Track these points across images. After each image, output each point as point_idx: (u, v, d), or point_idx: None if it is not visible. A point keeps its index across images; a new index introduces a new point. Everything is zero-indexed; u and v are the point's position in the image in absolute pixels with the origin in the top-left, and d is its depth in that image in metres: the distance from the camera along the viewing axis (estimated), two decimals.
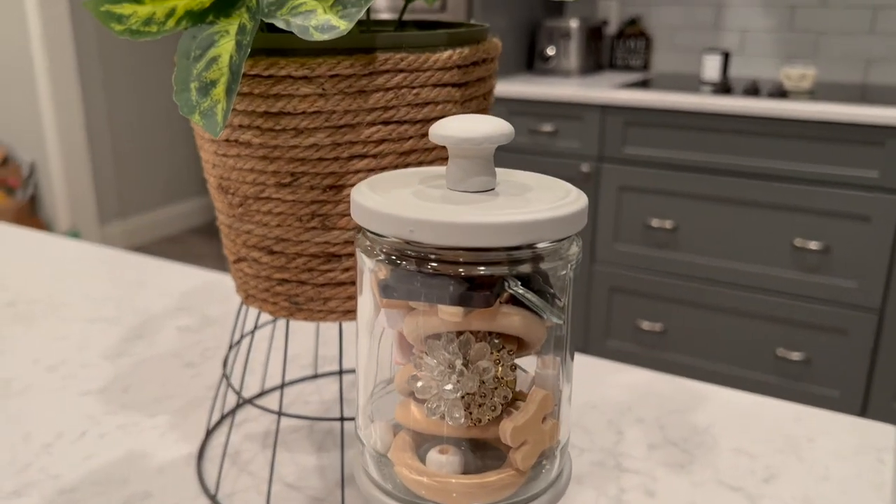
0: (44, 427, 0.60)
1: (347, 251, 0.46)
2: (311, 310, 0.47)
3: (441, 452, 0.33)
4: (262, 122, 0.42)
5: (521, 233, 0.29)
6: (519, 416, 0.32)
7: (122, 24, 0.44)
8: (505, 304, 0.32)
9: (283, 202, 0.44)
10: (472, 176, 0.32)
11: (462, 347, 0.32)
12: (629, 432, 0.60)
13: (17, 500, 0.52)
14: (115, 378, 0.68)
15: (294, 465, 0.56)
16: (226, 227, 0.49)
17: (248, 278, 0.49)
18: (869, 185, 2.00)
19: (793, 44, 2.54)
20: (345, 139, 0.42)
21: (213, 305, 0.83)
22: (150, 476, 0.54)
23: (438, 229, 0.29)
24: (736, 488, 0.53)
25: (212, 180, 0.48)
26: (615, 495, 0.53)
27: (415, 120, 0.43)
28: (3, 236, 1.05)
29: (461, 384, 0.31)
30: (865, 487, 0.53)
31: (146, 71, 3.79)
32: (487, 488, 0.32)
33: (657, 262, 2.31)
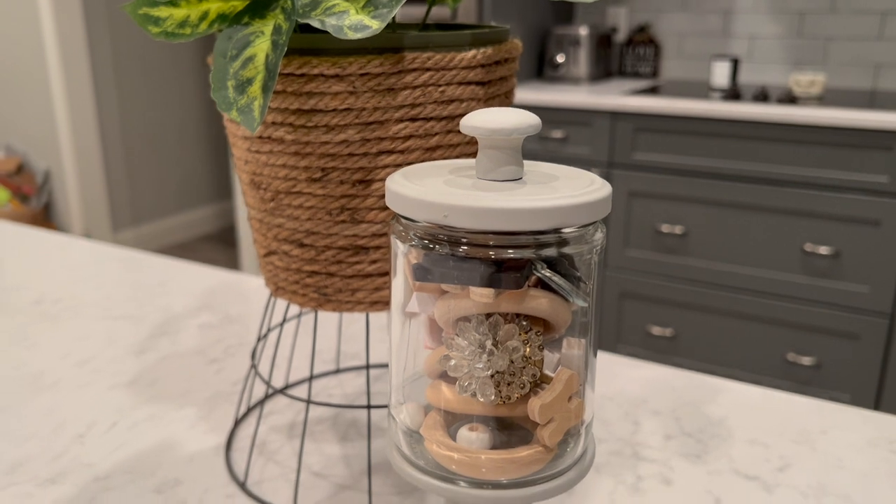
0: (75, 418, 0.62)
1: (375, 244, 0.47)
2: (339, 301, 0.49)
3: (471, 430, 0.35)
4: (295, 119, 0.44)
5: (547, 218, 0.31)
6: (546, 394, 0.33)
7: (159, 27, 0.46)
8: (533, 287, 0.33)
9: (313, 196, 0.46)
10: (501, 165, 0.33)
11: (492, 329, 0.33)
12: (645, 423, 0.61)
13: (53, 487, 0.54)
14: (141, 373, 0.70)
15: (320, 454, 0.57)
16: (257, 222, 0.50)
17: (278, 271, 0.50)
18: (879, 190, 2.01)
19: (801, 50, 2.55)
20: (374, 135, 0.44)
21: (233, 304, 0.85)
22: (181, 465, 0.56)
23: (470, 214, 0.30)
24: (751, 477, 0.55)
25: (244, 176, 0.50)
26: (633, 483, 0.54)
27: (441, 117, 0.45)
28: (25, 239, 1.08)
29: (491, 363, 0.33)
30: (880, 477, 0.54)
31: (159, 80, 3.83)
32: (516, 463, 0.34)
33: (667, 267, 2.32)
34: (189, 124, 4.04)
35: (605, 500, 0.52)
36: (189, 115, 4.04)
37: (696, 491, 0.53)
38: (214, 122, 4.21)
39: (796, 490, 0.53)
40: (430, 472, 0.35)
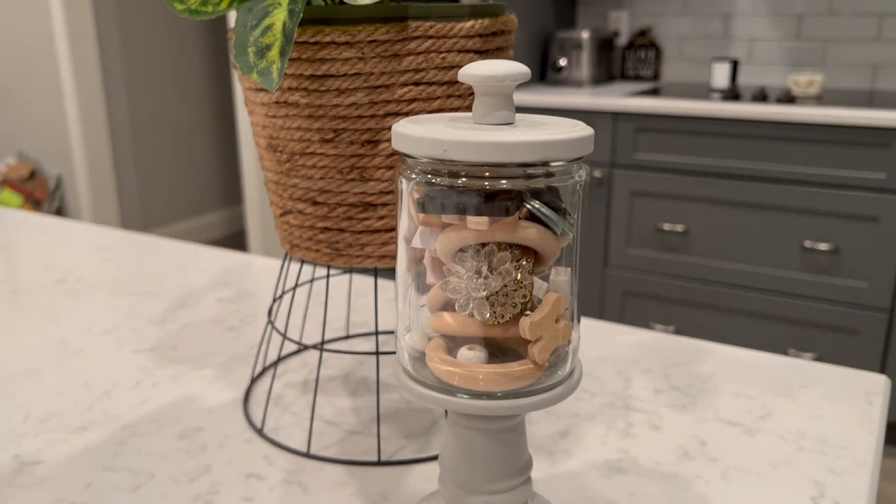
0: (101, 378, 0.66)
1: (382, 201, 0.51)
2: (349, 255, 0.53)
3: (469, 350, 0.39)
4: (309, 84, 0.49)
5: (536, 150, 0.35)
6: (536, 313, 0.38)
7: (183, 4, 0.50)
8: (524, 219, 0.37)
9: (325, 157, 0.50)
10: (494, 111, 0.38)
11: (487, 257, 0.37)
12: (636, 380, 0.65)
13: (84, 433, 0.58)
14: (162, 339, 0.74)
15: (331, 406, 0.61)
16: (273, 184, 0.55)
17: (293, 229, 0.55)
18: (877, 187, 2.04)
19: (800, 52, 2.59)
20: (381, 98, 0.48)
21: (248, 281, 0.89)
22: (201, 415, 0.60)
23: (467, 147, 0.35)
24: (734, 423, 0.58)
25: (261, 141, 0.54)
26: (623, 429, 0.58)
27: (442, 82, 0.49)
28: (47, 226, 1.12)
29: (487, 285, 0.37)
30: (854, 423, 0.58)
31: (169, 87, 3.89)
32: (509, 376, 0.38)
33: (669, 265, 2.35)
34: (199, 130, 4.11)
35: (598, 442, 0.56)
36: (199, 122, 4.10)
37: (683, 435, 0.57)
38: (224, 129, 4.27)
39: (776, 434, 0.57)
40: (433, 386, 0.39)
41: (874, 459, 0.54)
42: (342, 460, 0.54)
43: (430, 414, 0.60)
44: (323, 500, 0.49)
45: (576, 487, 0.51)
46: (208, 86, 4.14)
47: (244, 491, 0.50)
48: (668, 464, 0.53)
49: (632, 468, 0.53)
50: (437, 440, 0.56)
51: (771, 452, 0.55)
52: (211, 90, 4.16)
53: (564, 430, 0.58)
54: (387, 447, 0.55)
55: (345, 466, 0.53)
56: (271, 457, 0.54)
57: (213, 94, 4.17)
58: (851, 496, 0.49)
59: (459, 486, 0.42)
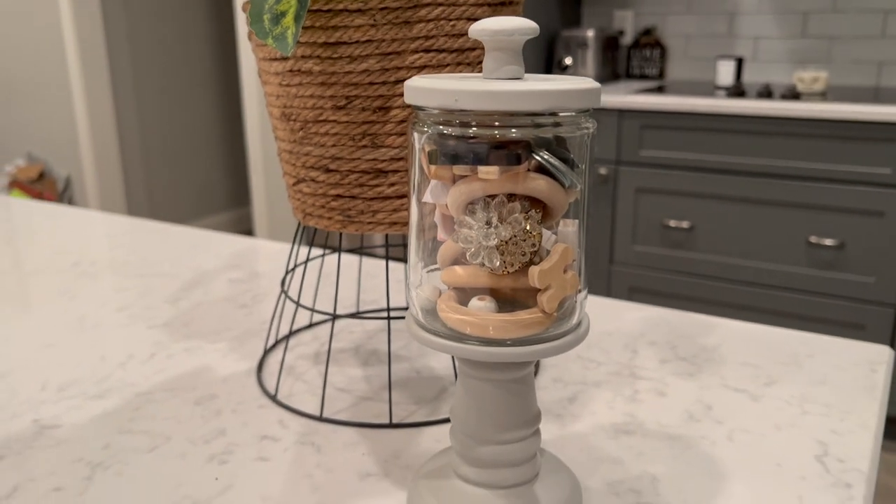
0: (117, 351, 0.68)
1: (393, 167, 0.53)
2: (361, 222, 0.54)
3: (480, 300, 0.40)
4: (322, 52, 0.50)
5: (544, 99, 0.36)
6: (544, 262, 0.39)
7: None
8: (533, 171, 0.39)
9: (338, 124, 0.52)
10: (504, 65, 0.39)
11: (497, 207, 0.39)
12: (643, 352, 0.66)
13: (101, 400, 0.59)
14: (176, 316, 0.75)
15: (343, 375, 0.63)
16: (286, 154, 0.56)
17: (306, 197, 0.56)
18: (882, 182, 2.05)
19: (805, 49, 2.60)
20: (392, 65, 0.50)
21: (259, 264, 0.90)
22: (216, 383, 0.61)
23: (477, 96, 0.36)
24: (740, 390, 0.59)
25: (275, 111, 0.55)
26: (630, 395, 0.59)
27: (451, 49, 0.50)
28: (59, 214, 1.14)
29: (497, 234, 0.38)
30: (859, 389, 0.59)
31: (177, 90, 3.92)
32: (519, 324, 0.39)
33: (675, 262, 2.36)
34: (206, 132, 4.13)
35: (605, 407, 0.57)
36: (206, 124, 4.12)
37: (689, 400, 0.58)
38: (231, 130, 4.29)
39: (781, 399, 0.58)
40: (444, 335, 0.40)
41: (878, 422, 0.54)
42: (355, 423, 0.55)
43: (439, 382, 0.61)
44: (336, 459, 0.51)
45: (584, 447, 0.52)
46: (216, 88, 4.17)
47: (259, 451, 0.52)
48: (674, 426, 0.54)
49: (638, 430, 0.54)
50: (447, 405, 0.57)
51: (776, 415, 0.55)
52: (219, 92, 4.19)
53: (572, 395, 0.59)
54: (397, 412, 0.56)
55: (357, 429, 0.54)
56: (285, 420, 0.55)
57: (220, 96, 4.20)
58: (855, 454, 0.50)
59: (469, 437, 0.43)
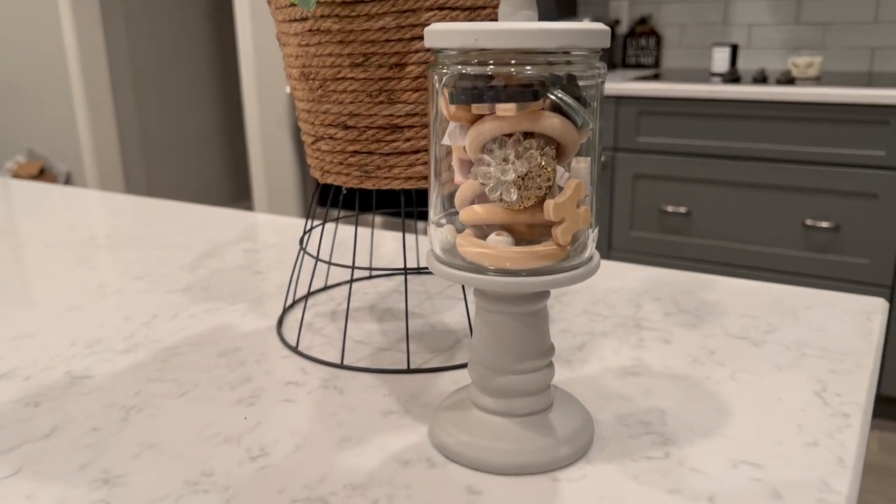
0: (140, 312, 0.70)
1: (409, 123, 0.55)
2: (378, 177, 0.57)
3: (498, 235, 0.42)
4: (340, 11, 0.52)
5: (557, 37, 0.38)
6: (559, 196, 0.41)
7: None
8: (547, 110, 0.41)
9: (355, 80, 0.54)
10: (519, 10, 0.41)
11: (514, 145, 0.41)
12: (647, 306, 0.69)
13: (128, 354, 0.61)
14: (194, 282, 0.78)
15: (360, 329, 0.65)
16: (305, 113, 0.58)
17: (324, 155, 0.58)
18: (876, 165, 2.08)
19: (799, 36, 2.63)
20: (407, 22, 0.52)
21: (270, 235, 0.93)
22: (238, 338, 0.64)
23: (496, 35, 0.38)
24: (741, 337, 0.62)
25: (294, 72, 0.58)
26: (636, 343, 0.61)
27: (464, 7, 0.53)
28: (72, 195, 1.16)
29: (514, 169, 0.41)
30: (855, 336, 0.62)
31: (176, 86, 3.93)
32: (534, 255, 0.41)
33: (672, 246, 2.39)
34: (206, 128, 4.15)
35: (612, 353, 0.60)
36: (205, 119, 4.14)
37: (693, 347, 0.60)
38: (231, 126, 4.31)
39: (780, 345, 0.60)
40: (464, 268, 0.42)
41: (873, 363, 0.57)
42: (374, 369, 0.57)
43: (453, 334, 0.64)
44: (358, 399, 0.53)
45: (594, 387, 0.54)
46: (215, 83, 4.18)
47: (284, 394, 0.54)
48: (679, 368, 0.57)
49: (645, 372, 0.56)
50: (461, 354, 0.60)
51: (776, 358, 0.58)
52: (218, 88, 4.20)
53: (580, 344, 0.61)
54: (414, 360, 0.59)
55: (377, 375, 0.57)
56: (307, 368, 0.58)
57: (219, 92, 4.22)
58: (852, 389, 0.53)
59: (487, 368, 0.46)
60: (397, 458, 0.46)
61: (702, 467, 0.45)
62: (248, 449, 0.47)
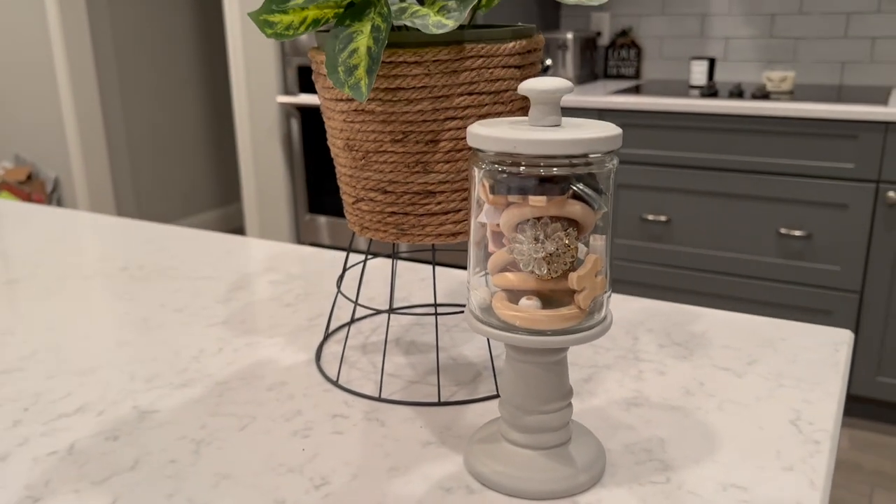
0: (187, 346, 0.77)
1: (441, 189, 0.63)
2: (412, 234, 0.65)
3: (528, 299, 0.51)
4: (383, 95, 0.60)
5: (580, 146, 0.47)
6: (581, 269, 0.49)
7: (272, 29, 0.62)
8: (570, 198, 0.49)
9: (395, 154, 0.62)
10: (547, 115, 0.49)
11: (543, 227, 0.49)
12: (643, 338, 0.78)
13: (186, 388, 0.69)
14: (231, 315, 0.85)
15: (391, 363, 0.73)
16: (346, 177, 0.66)
17: (364, 214, 0.66)
18: (846, 176, 2.19)
19: (773, 49, 2.74)
20: (442, 106, 0.60)
21: (293, 266, 1.00)
22: (282, 372, 0.71)
23: (531, 144, 0.46)
24: (726, 369, 0.71)
25: (338, 142, 0.65)
26: (636, 375, 0.70)
27: (489, 91, 0.61)
28: (96, 222, 1.23)
29: (544, 248, 0.49)
30: (824, 366, 0.71)
31: (163, 90, 3.97)
32: (560, 318, 0.50)
33: (653, 253, 2.49)
34: (193, 131, 4.19)
35: (616, 385, 0.68)
36: (193, 122, 4.18)
37: (685, 378, 0.69)
38: (218, 129, 4.35)
39: (760, 376, 0.69)
40: (499, 327, 0.51)
41: (840, 391, 0.66)
42: (409, 402, 0.65)
43: (473, 367, 0.72)
44: (399, 431, 0.61)
45: (601, 417, 0.63)
46: (202, 86, 4.22)
47: (333, 427, 0.62)
48: (674, 399, 0.65)
49: (645, 403, 0.65)
50: (484, 386, 0.68)
51: (757, 389, 0.67)
52: (205, 90, 4.24)
53: (587, 376, 0.70)
54: (442, 393, 0.67)
55: (411, 407, 0.65)
56: (349, 401, 0.66)
57: (207, 95, 4.26)
58: (822, 418, 0.62)
59: (517, 408, 0.54)
60: (440, 485, 0.54)
61: (697, 490, 0.53)
62: (311, 478, 0.55)
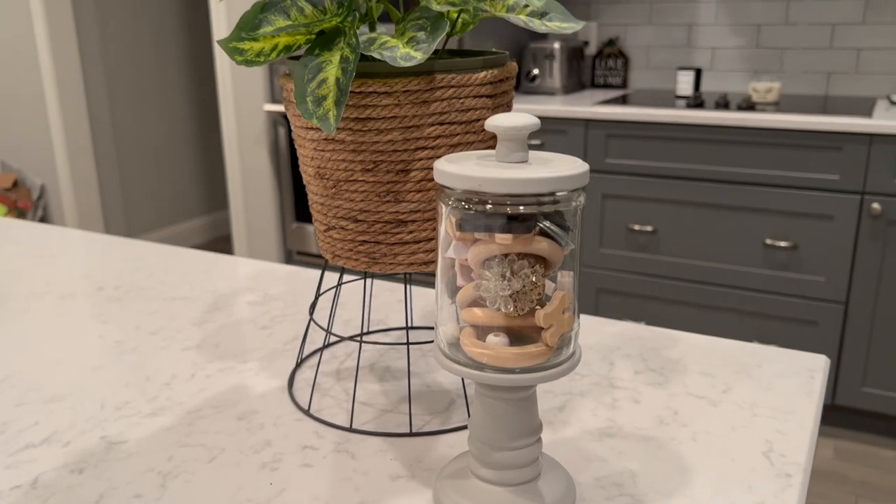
0: (160, 372, 0.77)
1: (412, 218, 0.63)
2: (384, 263, 0.64)
3: (496, 336, 0.50)
4: (354, 125, 0.60)
5: (546, 184, 0.46)
6: (548, 307, 0.49)
7: (242, 56, 0.61)
8: (537, 235, 0.49)
9: (366, 183, 0.61)
10: (514, 152, 0.49)
11: (510, 264, 0.49)
12: (619, 363, 0.77)
13: (156, 417, 0.68)
14: (205, 338, 0.84)
15: (363, 390, 0.72)
16: (318, 205, 0.66)
17: (335, 242, 0.65)
18: (831, 188, 2.19)
19: (759, 60, 2.75)
20: (412, 136, 0.60)
21: (271, 286, 1.00)
22: (254, 400, 0.71)
23: (497, 183, 0.46)
24: (701, 397, 0.71)
25: (309, 170, 0.65)
26: (610, 403, 0.70)
27: (461, 121, 0.60)
28: (76, 238, 1.21)
29: (510, 285, 0.48)
30: (799, 394, 0.71)
31: (151, 97, 3.95)
32: (527, 356, 0.49)
33: (639, 263, 2.49)
34: (181, 138, 4.17)
35: (590, 414, 0.68)
36: (180, 129, 4.17)
37: (659, 406, 0.69)
38: (205, 136, 4.34)
39: (735, 404, 0.69)
40: (467, 364, 0.50)
41: (813, 422, 0.66)
42: (380, 433, 0.65)
43: (447, 395, 0.72)
44: (369, 463, 0.61)
45: (574, 449, 0.62)
46: (190, 93, 4.21)
47: (302, 459, 0.61)
48: (648, 429, 0.65)
49: (618, 433, 0.65)
50: (456, 415, 0.68)
51: (731, 418, 0.67)
52: (192, 98, 4.23)
53: (561, 405, 0.69)
54: (415, 422, 0.67)
55: (383, 438, 0.64)
56: (320, 432, 0.65)
57: (194, 102, 4.24)
58: (794, 450, 0.62)
59: (486, 444, 0.53)
60: None
61: None
62: None
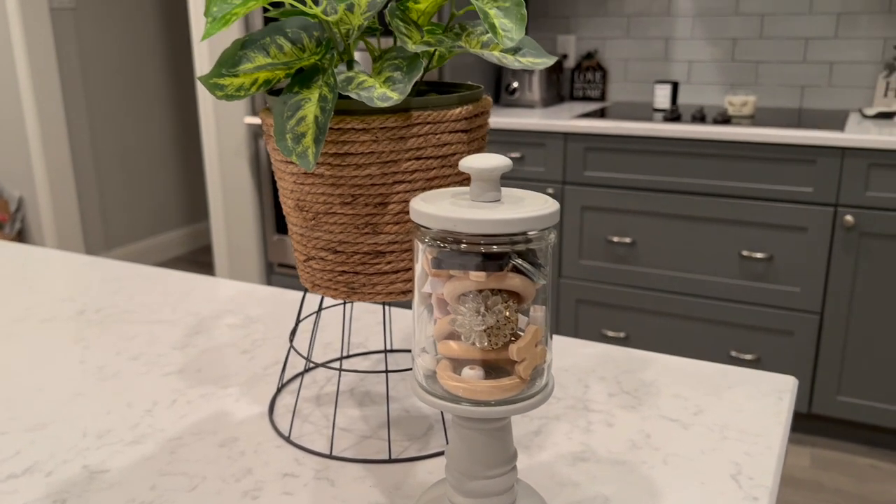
0: (141, 398, 0.77)
1: (390, 249, 0.64)
2: (363, 293, 0.66)
3: (471, 369, 0.52)
4: (332, 160, 0.61)
5: (518, 225, 0.48)
6: (521, 341, 0.51)
7: (223, 91, 0.63)
8: (510, 271, 0.50)
9: (345, 215, 0.63)
10: (487, 192, 0.51)
11: (484, 300, 0.50)
12: (594, 386, 0.79)
13: (138, 445, 0.69)
14: (187, 363, 0.85)
15: (343, 416, 0.74)
16: (298, 236, 0.67)
17: (315, 272, 0.67)
18: (805, 200, 2.23)
19: (735, 73, 2.79)
20: (390, 170, 0.61)
21: (252, 308, 1.01)
22: (235, 426, 0.72)
23: (470, 223, 0.47)
24: (673, 419, 0.72)
25: (290, 202, 0.66)
26: (584, 426, 0.71)
27: (437, 156, 0.62)
28: (55, 259, 1.22)
29: (484, 321, 0.50)
30: (768, 416, 0.73)
31: (130, 109, 3.94)
32: (501, 388, 0.51)
33: (618, 275, 2.52)
34: (160, 150, 4.16)
35: (564, 438, 0.69)
36: (159, 142, 4.15)
37: (632, 430, 0.71)
38: (183, 149, 4.33)
39: (706, 427, 0.71)
40: (443, 397, 0.52)
41: (781, 443, 0.68)
42: (360, 459, 0.66)
43: (426, 420, 0.73)
44: (348, 491, 0.62)
45: (548, 474, 0.64)
46: (168, 108, 4.20)
47: (283, 487, 0.62)
48: (620, 453, 0.67)
49: (592, 457, 0.66)
50: (435, 441, 0.69)
51: (701, 441, 0.69)
52: (171, 112, 4.22)
53: (537, 429, 0.71)
54: (394, 448, 0.68)
55: (362, 464, 0.66)
56: (300, 459, 0.66)
57: (172, 115, 4.23)
58: (762, 472, 0.64)
59: (462, 474, 0.55)
60: None
61: None
62: None
